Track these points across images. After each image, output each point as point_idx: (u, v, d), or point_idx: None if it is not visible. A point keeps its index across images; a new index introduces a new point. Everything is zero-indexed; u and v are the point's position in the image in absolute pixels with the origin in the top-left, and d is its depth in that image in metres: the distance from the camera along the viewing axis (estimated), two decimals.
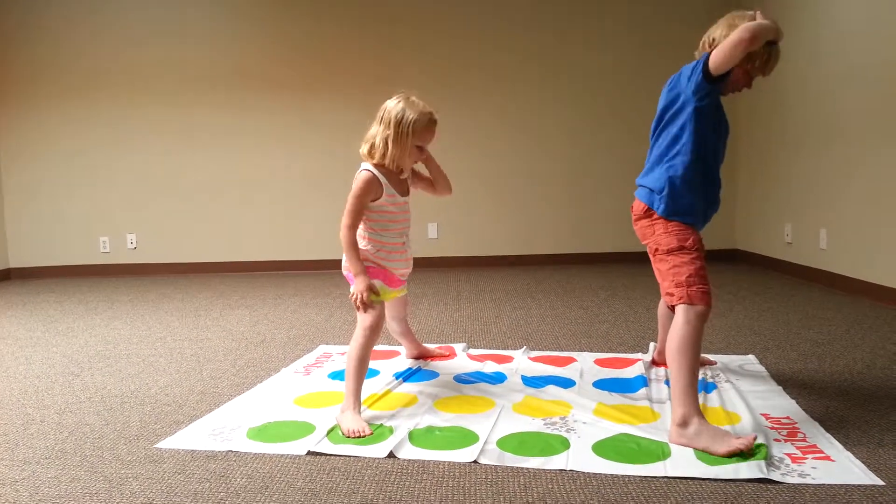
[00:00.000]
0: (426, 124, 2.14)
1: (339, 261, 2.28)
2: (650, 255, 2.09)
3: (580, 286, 4.62)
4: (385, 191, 2.18)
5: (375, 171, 2.17)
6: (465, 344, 2.99)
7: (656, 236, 2.03)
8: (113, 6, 5.86)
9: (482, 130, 5.89)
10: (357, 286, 2.13)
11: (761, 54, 1.95)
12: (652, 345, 2.74)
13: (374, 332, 2.11)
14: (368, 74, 5.77)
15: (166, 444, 1.92)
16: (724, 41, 1.88)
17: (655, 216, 2.02)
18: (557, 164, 5.88)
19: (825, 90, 4.26)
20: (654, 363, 2.57)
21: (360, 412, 2.02)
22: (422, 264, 5.80)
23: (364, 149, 2.20)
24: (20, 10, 5.86)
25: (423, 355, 2.75)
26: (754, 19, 1.92)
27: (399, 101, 2.14)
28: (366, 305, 2.11)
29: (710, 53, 1.91)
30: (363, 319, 2.12)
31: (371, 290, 2.12)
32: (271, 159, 5.92)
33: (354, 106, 5.79)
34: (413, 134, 2.12)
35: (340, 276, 2.35)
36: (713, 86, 1.94)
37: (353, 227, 2.14)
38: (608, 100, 5.79)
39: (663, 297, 2.06)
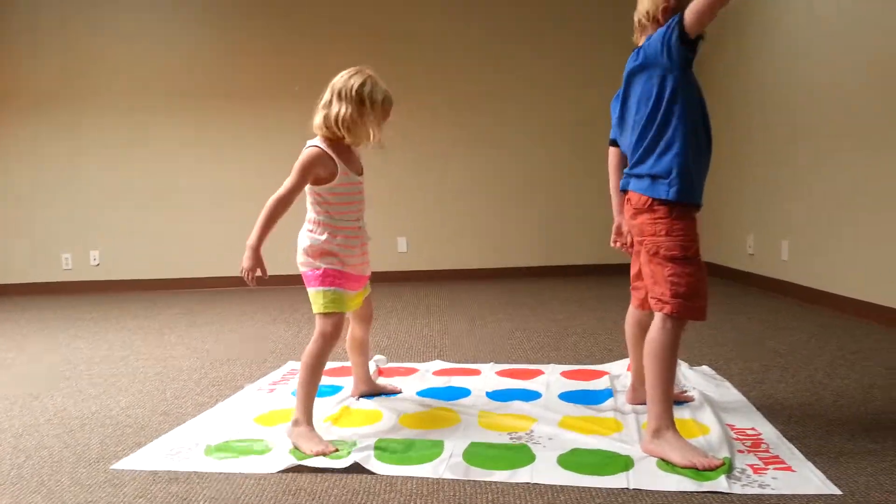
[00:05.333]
0: (385, 100, 2.08)
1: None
2: (644, 254, 1.92)
3: (550, 299, 4.64)
4: (339, 168, 2.03)
5: (326, 148, 2.03)
6: (434, 361, 2.98)
7: (657, 237, 1.85)
8: (73, 18, 5.78)
9: (452, 144, 5.91)
10: (247, 261, 1.99)
11: None
12: (624, 364, 2.69)
13: (331, 339, 2.01)
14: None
15: (122, 464, 1.88)
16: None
17: (660, 213, 1.83)
18: (528, 177, 5.93)
19: (784, 101, 4.36)
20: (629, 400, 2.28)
21: (313, 426, 1.97)
22: (392, 278, 5.80)
23: (318, 119, 2.04)
24: None
25: (371, 392, 2.43)
26: None
27: (361, 77, 2.04)
28: (253, 279, 1.99)
29: (680, 17, 1.73)
30: (321, 325, 2.02)
31: (258, 269, 1.98)
32: (237, 173, 5.87)
33: None
34: (381, 113, 2.06)
35: None
36: (693, 50, 1.77)
37: (283, 200, 1.98)
38: (578, 113, 5.86)
39: (651, 301, 1.89)
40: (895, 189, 3.31)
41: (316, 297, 2.04)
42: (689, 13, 1.71)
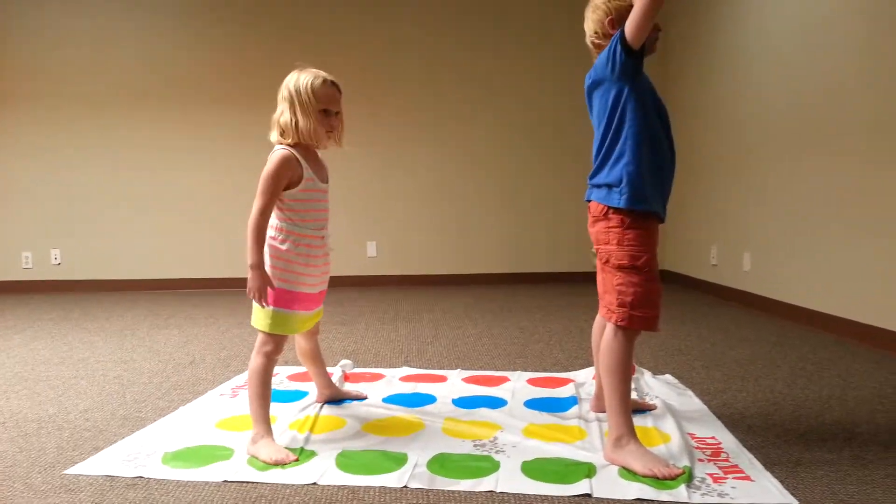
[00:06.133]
0: (322, 84, 1.98)
1: None
2: (599, 262, 1.97)
3: (517, 306, 4.66)
4: (304, 174, 1.99)
5: (293, 151, 1.99)
6: (399, 368, 2.98)
7: (610, 246, 1.89)
8: (38, 13, 5.67)
9: (423, 150, 5.92)
10: (253, 281, 1.92)
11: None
12: (589, 373, 2.76)
13: (272, 356, 1.99)
14: None
15: (77, 469, 1.84)
16: (634, 10, 1.74)
17: (614, 221, 1.87)
18: (497, 184, 5.95)
19: (747, 116, 4.44)
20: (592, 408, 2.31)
21: (273, 438, 1.95)
22: (361, 283, 5.78)
23: (274, 135, 2.03)
24: None
25: (334, 398, 2.42)
26: None
27: (293, 74, 2.02)
28: (261, 299, 1.93)
29: (621, 31, 1.79)
30: (263, 344, 1.98)
31: (268, 285, 1.92)
32: (203, 173, 5.81)
33: None
34: (314, 97, 1.97)
35: None
36: (639, 60, 1.82)
37: (265, 212, 1.93)
38: (547, 120, 5.90)
39: (601, 310, 1.96)
40: (849, 205, 3.39)
41: (262, 312, 1.98)
42: (628, 26, 1.77)
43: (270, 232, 2.00)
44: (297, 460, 1.86)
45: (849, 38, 3.44)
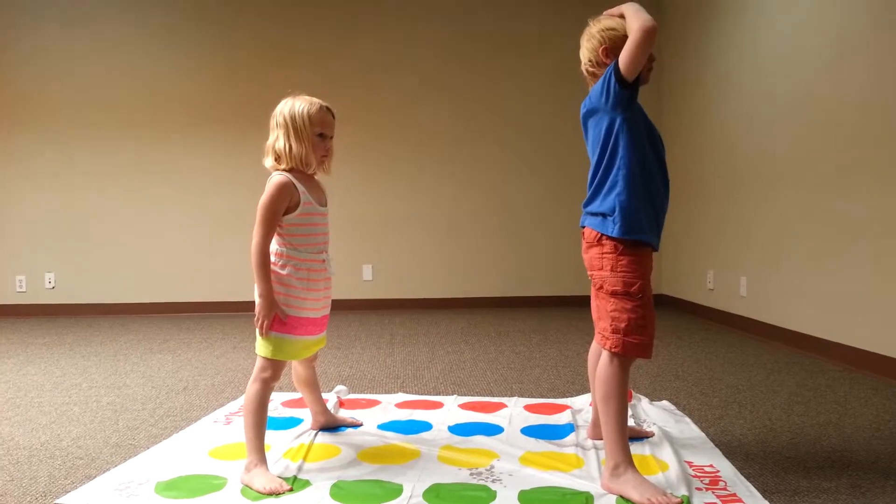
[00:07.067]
0: (318, 109, 2.02)
1: None
2: (593, 289, 1.98)
3: (514, 330, 4.65)
4: (302, 198, 1.99)
5: (290, 176, 2.00)
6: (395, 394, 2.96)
7: (603, 272, 1.90)
8: (33, 35, 5.71)
9: (418, 173, 5.94)
10: (260, 309, 1.94)
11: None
12: (586, 399, 2.74)
13: (271, 382, 1.98)
14: None
15: (68, 499, 1.81)
16: (628, 44, 1.77)
17: (607, 247, 1.89)
18: (494, 208, 5.97)
19: (740, 140, 4.48)
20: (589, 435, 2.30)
21: (268, 467, 1.92)
22: (356, 306, 5.76)
23: (269, 161, 2.04)
24: None
25: (330, 425, 2.41)
26: (619, 15, 1.88)
27: (286, 101, 2.05)
28: (269, 327, 1.95)
29: (616, 63, 1.81)
30: (262, 369, 1.97)
31: (277, 314, 1.94)
32: (198, 196, 5.81)
33: None
34: (310, 122, 2.00)
35: None
36: (633, 91, 1.84)
37: (266, 241, 1.95)
38: (545, 144, 5.94)
39: (596, 336, 1.97)
40: (846, 230, 3.40)
41: (264, 338, 1.98)
42: (622, 59, 1.79)
43: (271, 258, 2.00)
44: (291, 490, 1.84)
45: (846, 65, 3.48)
